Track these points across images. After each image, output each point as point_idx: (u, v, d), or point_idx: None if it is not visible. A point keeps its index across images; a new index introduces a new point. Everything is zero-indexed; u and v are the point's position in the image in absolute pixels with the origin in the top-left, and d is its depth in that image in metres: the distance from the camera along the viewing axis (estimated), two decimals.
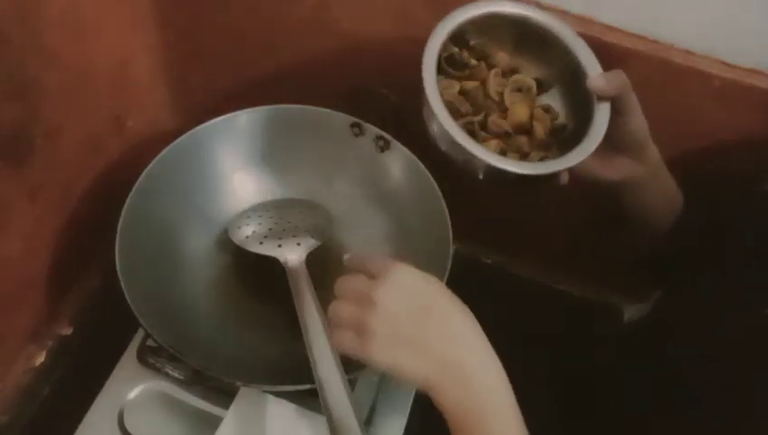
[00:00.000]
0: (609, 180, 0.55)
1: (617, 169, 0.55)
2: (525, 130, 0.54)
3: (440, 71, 0.54)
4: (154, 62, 0.76)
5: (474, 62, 0.56)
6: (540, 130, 0.54)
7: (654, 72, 0.59)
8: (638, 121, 0.52)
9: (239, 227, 0.66)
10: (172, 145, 0.66)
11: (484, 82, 0.55)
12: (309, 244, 0.62)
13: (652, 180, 0.56)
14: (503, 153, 0.53)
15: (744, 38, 0.57)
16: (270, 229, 0.65)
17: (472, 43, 0.56)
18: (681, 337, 0.55)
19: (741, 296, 0.52)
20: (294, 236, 0.63)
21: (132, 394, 0.62)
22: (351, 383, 0.63)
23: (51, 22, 0.57)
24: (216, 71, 0.77)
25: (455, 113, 0.53)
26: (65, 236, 0.67)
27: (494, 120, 0.54)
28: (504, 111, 0.55)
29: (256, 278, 0.71)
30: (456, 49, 0.56)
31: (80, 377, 0.67)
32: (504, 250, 0.86)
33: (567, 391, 0.69)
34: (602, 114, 0.51)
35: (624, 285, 0.85)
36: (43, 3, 0.56)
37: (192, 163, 0.68)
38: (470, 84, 0.55)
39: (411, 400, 0.65)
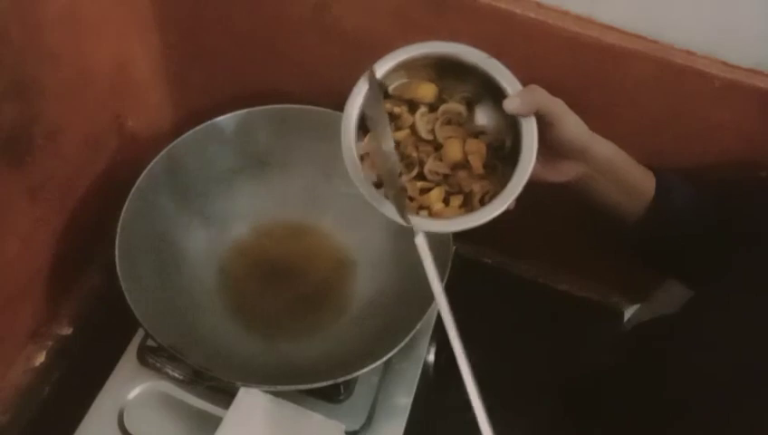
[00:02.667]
0: (557, 183, 0.55)
1: (563, 173, 0.55)
2: (463, 165, 0.53)
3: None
4: (154, 62, 0.76)
5: (397, 109, 0.54)
6: (476, 162, 0.52)
7: (654, 72, 0.59)
8: (570, 129, 0.52)
9: None
10: (172, 145, 0.66)
11: (413, 127, 0.54)
12: None
13: (603, 176, 0.56)
14: (447, 199, 0.52)
15: (744, 38, 0.57)
16: None
17: (391, 90, 0.54)
18: (707, 337, 0.54)
19: None
20: None
21: (132, 394, 0.62)
22: (351, 383, 0.64)
23: (51, 22, 0.57)
24: (216, 71, 0.77)
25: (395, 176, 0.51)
26: (65, 236, 0.67)
27: (431, 166, 0.53)
28: (440, 147, 0.54)
29: (256, 278, 0.71)
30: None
31: (80, 377, 0.67)
32: (504, 250, 0.86)
33: (568, 390, 0.69)
34: (529, 134, 0.49)
35: (624, 285, 0.85)
36: (43, 3, 0.56)
37: (192, 163, 0.68)
38: (400, 135, 0.53)
39: (411, 400, 0.65)
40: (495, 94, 0.52)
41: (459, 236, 0.63)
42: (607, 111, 0.63)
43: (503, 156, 0.53)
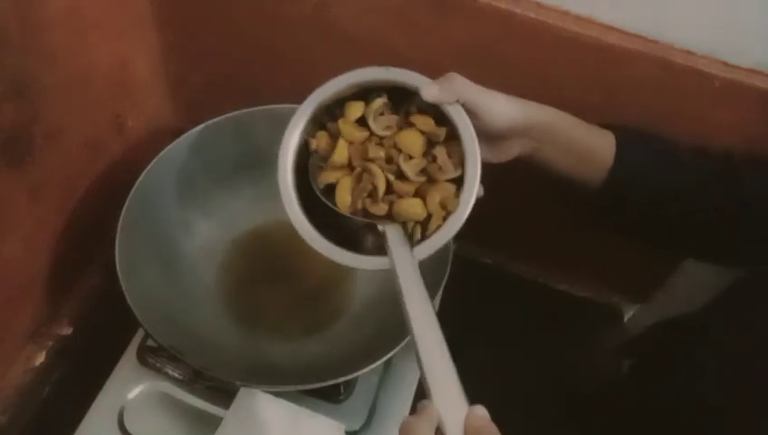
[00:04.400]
0: (503, 163, 0.54)
1: (506, 153, 0.53)
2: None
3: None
4: (154, 62, 0.76)
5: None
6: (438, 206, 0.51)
7: (654, 72, 0.59)
8: (496, 112, 0.50)
9: None
10: (172, 145, 0.66)
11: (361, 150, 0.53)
12: None
13: (550, 145, 0.53)
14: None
15: (744, 38, 0.57)
16: None
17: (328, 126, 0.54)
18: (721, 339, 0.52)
19: None
20: None
21: (132, 394, 0.62)
22: (351, 383, 0.64)
23: (51, 22, 0.57)
24: (215, 71, 0.77)
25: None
26: (65, 236, 0.67)
27: (373, 208, 0.52)
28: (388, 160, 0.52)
29: (256, 278, 0.71)
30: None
31: (80, 377, 0.67)
32: (504, 250, 0.86)
33: (575, 396, 0.68)
34: (462, 123, 0.49)
35: (624, 285, 0.85)
36: (43, 3, 0.56)
37: (192, 163, 0.68)
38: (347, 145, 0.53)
39: (411, 400, 0.65)
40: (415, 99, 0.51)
41: (459, 237, 0.64)
42: (607, 111, 0.63)
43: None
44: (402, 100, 0.52)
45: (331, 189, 0.53)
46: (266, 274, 0.71)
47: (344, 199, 0.52)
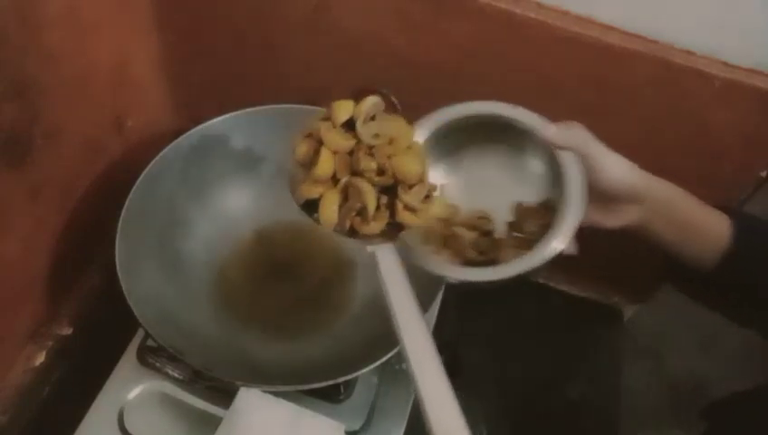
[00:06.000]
0: (611, 228, 0.52)
1: (617, 217, 0.52)
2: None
3: None
4: (154, 63, 0.76)
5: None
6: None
7: (654, 72, 0.59)
8: (612, 171, 0.49)
9: None
10: (172, 145, 0.66)
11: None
12: None
13: (663, 218, 0.52)
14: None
15: (744, 38, 0.57)
16: None
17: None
18: None
19: None
20: None
21: (132, 394, 0.62)
22: (351, 383, 0.64)
23: (51, 22, 0.57)
24: (216, 71, 0.77)
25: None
26: (65, 236, 0.67)
27: (363, 228, 0.46)
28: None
29: (256, 278, 0.71)
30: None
31: (80, 377, 0.67)
32: None
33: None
34: (573, 173, 0.48)
35: (624, 285, 0.85)
36: (43, 3, 0.56)
37: (192, 163, 0.68)
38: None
39: (411, 400, 0.65)
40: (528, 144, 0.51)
41: None
42: (607, 111, 0.63)
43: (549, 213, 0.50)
44: (507, 136, 0.52)
45: (314, 202, 0.47)
46: (266, 274, 0.71)
47: (329, 217, 0.46)
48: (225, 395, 0.58)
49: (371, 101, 0.48)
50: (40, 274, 0.67)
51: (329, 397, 0.63)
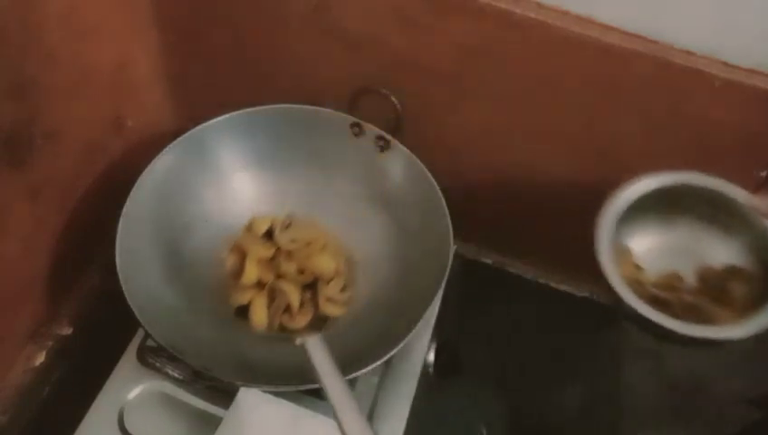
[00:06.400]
0: None
1: None
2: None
3: None
4: (154, 62, 0.76)
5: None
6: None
7: (654, 72, 0.59)
8: None
9: None
10: (172, 145, 0.66)
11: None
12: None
13: None
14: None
15: (744, 38, 0.57)
16: None
17: None
18: None
19: None
20: None
21: (132, 394, 0.62)
22: (351, 383, 0.64)
23: (51, 22, 0.57)
24: (216, 70, 0.77)
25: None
26: (65, 236, 0.67)
27: (290, 323, 0.57)
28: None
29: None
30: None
31: (80, 377, 0.67)
32: (503, 250, 0.86)
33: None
34: None
35: None
36: (43, 3, 0.56)
37: (192, 163, 0.68)
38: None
39: (411, 400, 0.65)
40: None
41: (459, 237, 0.64)
42: (607, 111, 0.63)
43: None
44: (698, 204, 0.55)
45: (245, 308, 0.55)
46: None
47: (260, 319, 0.55)
48: (225, 395, 0.58)
49: (284, 215, 0.58)
50: (40, 274, 0.67)
51: None
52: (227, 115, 0.68)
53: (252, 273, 0.57)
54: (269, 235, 0.57)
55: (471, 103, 0.68)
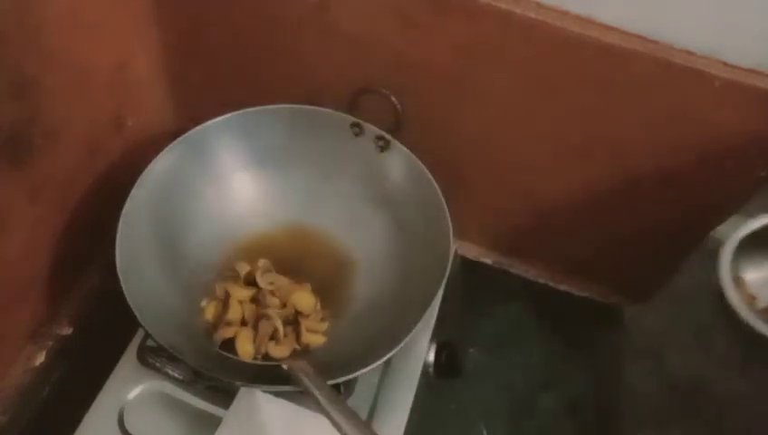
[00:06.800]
0: None
1: None
2: None
3: None
4: (154, 63, 0.76)
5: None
6: None
7: (654, 72, 0.59)
8: None
9: None
10: (172, 145, 0.66)
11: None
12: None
13: None
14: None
15: (743, 38, 0.57)
16: None
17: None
18: None
19: None
20: None
21: (132, 394, 0.62)
22: (351, 383, 0.64)
23: (51, 22, 0.57)
24: (216, 70, 0.77)
25: None
26: (65, 236, 0.67)
27: (275, 351, 0.61)
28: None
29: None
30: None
31: (80, 377, 0.67)
32: (503, 250, 0.86)
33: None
34: None
35: (624, 285, 0.85)
36: (43, 3, 0.56)
37: (192, 163, 0.68)
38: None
39: (411, 400, 0.65)
40: None
41: (459, 237, 0.64)
42: (607, 111, 0.63)
43: None
44: None
45: (229, 341, 0.61)
46: None
47: (246, 349, 0.60)
48: (225, 395, 0.58)
49: (262, 261, 0.65)
50: (40, 274, 0.67)
51: None
52: (227, 115, 0.68)
53: (236, 310, 0.62)
54: (248, 281, 0.64)
55: (471, 103, 0.68)
